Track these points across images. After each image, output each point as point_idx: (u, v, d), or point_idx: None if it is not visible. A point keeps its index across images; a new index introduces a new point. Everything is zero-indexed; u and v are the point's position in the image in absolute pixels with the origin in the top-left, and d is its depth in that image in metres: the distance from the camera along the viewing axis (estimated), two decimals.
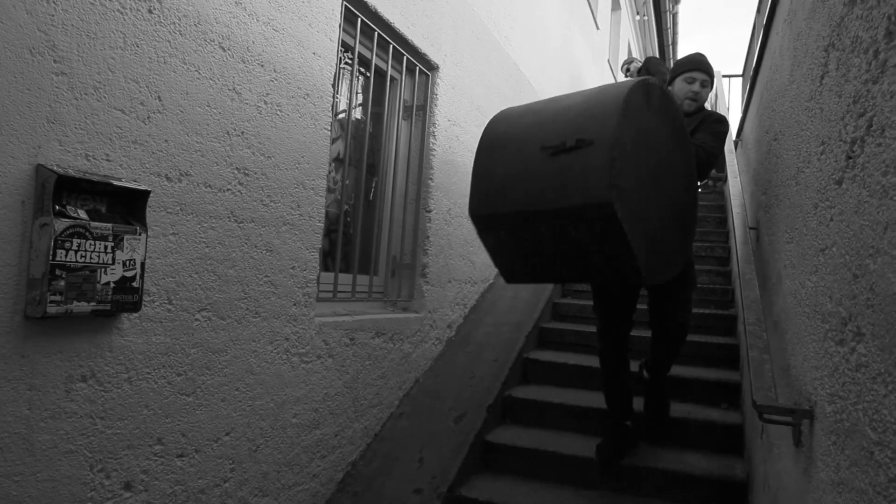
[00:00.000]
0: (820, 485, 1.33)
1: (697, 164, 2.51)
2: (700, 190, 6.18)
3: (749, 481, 2.67)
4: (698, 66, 2.82)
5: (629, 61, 8.02)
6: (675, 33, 14.47)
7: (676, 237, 2.18)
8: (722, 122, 2.80)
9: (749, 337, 2.05)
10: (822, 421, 1.37)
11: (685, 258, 2.27)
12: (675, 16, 14.02)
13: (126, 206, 1.77)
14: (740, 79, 7.01)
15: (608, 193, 1.76)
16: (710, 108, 2.96)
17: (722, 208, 5.90)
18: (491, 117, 4.39)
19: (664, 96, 2.09)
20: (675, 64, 2.94)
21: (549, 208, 1.91)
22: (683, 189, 2.24)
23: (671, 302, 2.74)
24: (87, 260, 1.62)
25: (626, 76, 8.07)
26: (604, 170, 1.77)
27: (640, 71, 7.52)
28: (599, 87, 2.05)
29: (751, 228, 3.14)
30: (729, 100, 7.53)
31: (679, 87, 2.84)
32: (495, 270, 4.40)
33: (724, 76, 6.94)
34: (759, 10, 4.79)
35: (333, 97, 2.70)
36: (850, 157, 1.27)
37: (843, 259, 1.27)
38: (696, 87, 2.81)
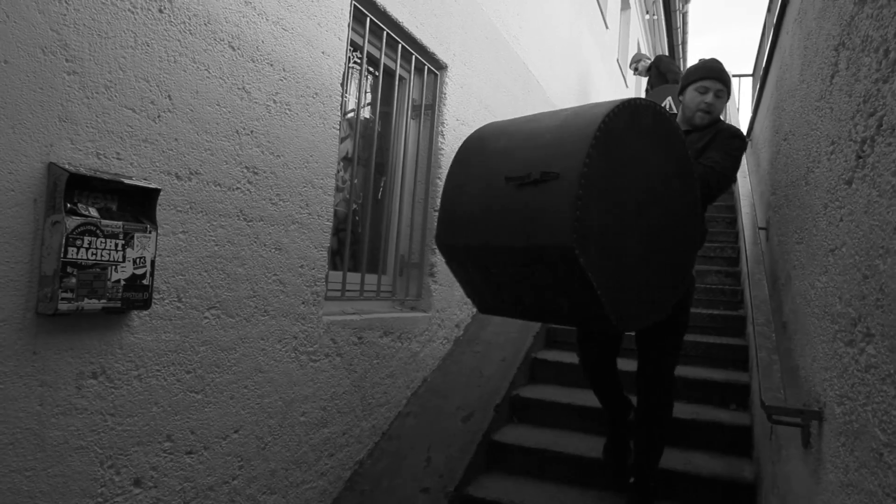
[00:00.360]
0: (829, 486, 1.32)
1: (706, 188, 2.22)
2: None
3: (758, 483, 2.66)
4: (712, 73, 2.50)
5: (637, 59, 7.77)
6: (684, 32, 14.41)
7: (666, 277, 1.92)
8: (737, 138, 2.45)
9: (758, 337, 2.04)
10: (831, 422, 1.36)
11: (677, 297, 1.97)
12: (685, 15, 13.96)
13: (136, 205, 1.78)
14: (750, 78, 6.97)
15: (569, 238, 1.56)
16: (726, 121, 2.61)
17: (732, 208, 5.87)
18: (498, 117, 4.39)
19: (658, 117, 1.82)
20: (686, 71, 2.63)
21: (511, 246, 1.74)
22: (681, 220, 1.94)
23: (655, 348, 2.48)
24: (98, 257, 1.63)
25: (635, 74, 7.90)
26: (567, 210, 1.57)
27: (649, 69, 7.34)
28: (577, 109, 1.83)
29: (760, 229, 3.13)
30: (739, 99, 7.50)
31: (690, 97, 2.53)
32: None
33: (734, 75, 6.92)
34: (769, 10, 4.77)
35: (342, 96, 2.71)
36: (860, 157, 1.27)
37: (853, 259, 1.26)
38: (709, 97, 2.48)
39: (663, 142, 1.84)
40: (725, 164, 2.33)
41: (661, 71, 7.16)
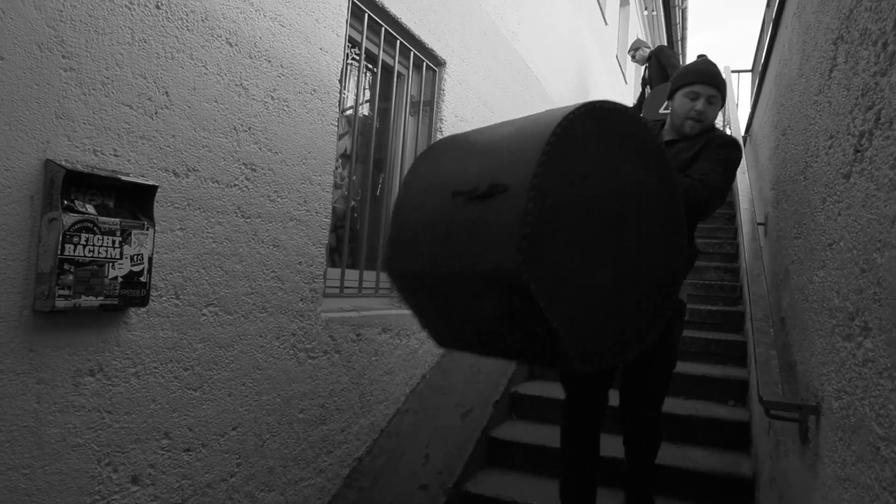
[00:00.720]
0: (826, 481, 1.32)
1: (694, 203, 1.94)
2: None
3: (756, 478, 2.66)
4: (704, 77, 2.19)
5: (636, 46, 7.39)
6: (683, 28, 14.39)
7: (643, 306, 1.64)
8: (731, 146, 2.15)
9: (756, 333, 2.04)
10: (829, 417, 1.36)
11: (656, 331, 1.67)
12: (684, 11, 13.93)
13: (134, 202, 1.78)
14: (750, 74, 6.95)
15: (516, 259, 1.32)
16: (720, 128, 2.34)
17: (731, 204, 5.87)
18: (497, 113, 4.39)
19: (630, 121, 1.59)
20: (677, 73, 2.35)
21: (459, 272, 1.50)
22: (662, 240, 1.67)
23: (634, 387, 2.22)
24: (95, 254, 1.63)
25: (632, 61, 7.54)
26: (513, 227, 1.33)
27: (648, 59, 7.04)
28: (538, 115, 1.61)
29: (759, 224, 3.13)
30: (738, 95, 7.47)
31: (679, 103, 2.23)
32: None
33: (733, 71, 6.87)
34: (768, 5, 4.76)
35: (340, 93, 2.70)
36: (857, 151, 1.27)
37: (851, 254, 1.26)
38: (699, 104, 2.17)
39: (638, 150, 1.60)
40: (717, 176, 2.04)
41: (662, 63, 6.82)
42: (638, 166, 1.59)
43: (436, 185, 1.63)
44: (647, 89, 7.05)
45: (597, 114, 1.49)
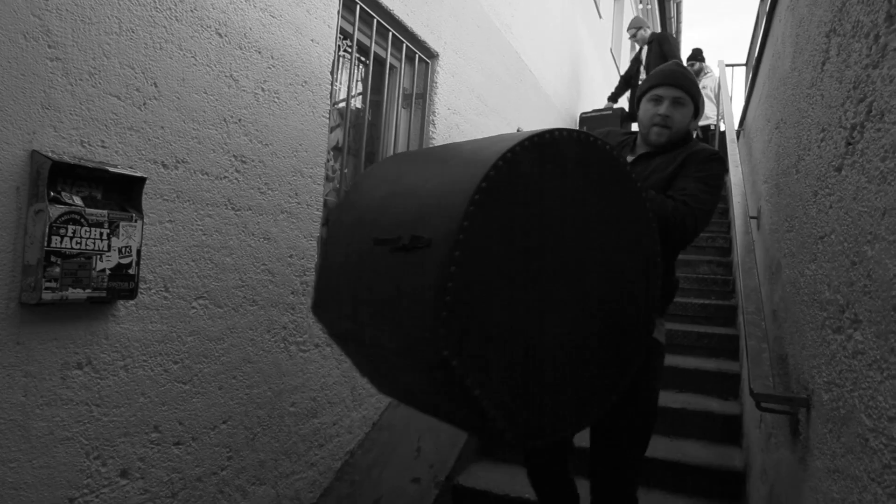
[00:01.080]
0: (816, 473, 1.32)
1: (677, 228, 1.72)
2: None
3: (747, 471, 2.67)
4: (666, 79, 1.97)
5: (637, 25, 6.89)
6: (678, 22, 14.39)
7: (608, 357, 1.40)
8: (715, 161, 1.88)
9: (748, 326, 2.04)
10: (819, 409, 1.36)
11: (622, 386, 1.43)
12: (678, 4, 13.94)
13: (122, 193, 1.76)
14: (744, 68, 6.95)
15: (434, 332, 1.10)
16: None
17: (724, 198, 5.89)
18: (490, 106, 4.37)
19: (588, 148, 1.34)
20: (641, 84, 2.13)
21: (378, 340, 1.30)
22: (633, 278, 1.44)
23: (602, 462, 1.87)
24: (83, 247, 1.61)
25: (631, 40, 7.16)
26: (434, 293, 1.11)
27: (650, 42, 6.70)
28: (483, 142, 1.36)
29: (752, 218, 3.13)
30: (732, 89, 7.47)
31: (643, 110, 2.00)
32: None
33: (727, 65, 6.87)
34: None
35: (332, 85, 2.68)
36: (849, 144, 1.26)
37: (842, 246, 1.26)
38: (663, 107, 1.94)
39: (599, 180, 1.37)
40: (702, 196, 1.79)
41: (664, 51, 6.43)
42: (599, 198, 1.37)
43: (365, 222, 1.40)
44: (643, 72, 6.83)
45: (544, 146, 1.26)
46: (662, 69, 2.03)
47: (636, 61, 7.03)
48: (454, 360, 1.11)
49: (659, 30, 14.00)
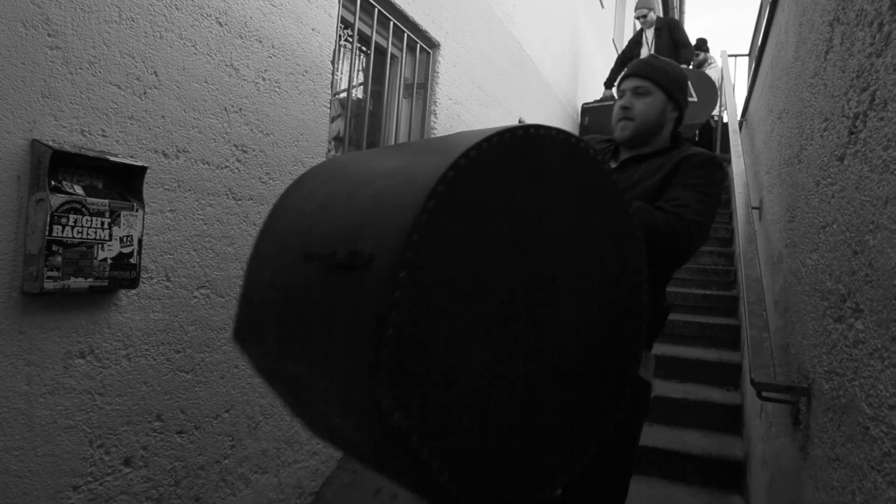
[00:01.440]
0: (816, 461, 1.33)
1: (671, 245, 1.49)
2: None
3: (747, 460, 2.68)
4: (628, 71, 1.81)
5: (647, 5, 6.52)
6: (682, 12, 14.30)
7: (584, 402, 1.15)
8: (711, 166, 1.63)
9: (749, 316, 2.04)
10: (820, 398, 1.36)
11: (604, 434, 1.18)
12: None
13: (123, 183, 1.76)
14: (746, 58, 6.91)
15: (371, 383, 0.84)
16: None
17: (726, 189, 5.87)
18: (491, 96, 4.35)
19: (569, 153, 1.10)
20: None
21: (305, 379, 1.04)
22: (615, 304, 1.20)
23: None
24: (84, 236, 1.61)
25: (639, 22, 6.86)
26: (373, 326, 0.85)
27: (660, 28, 6.44)
28: (441, 140, 1.12)
29: (754, 208, 3.12)
30: (735, 79, 7.42)
31: (614, 109, 1.82)
32: None
33: (730, 55, 6.82)
34: None
35: (333, 74, 2.67)
36: (852, 133, 1.26)
37: (844, 236, 1.25)
38: (624, 100, 1.76)
39: (582, 188, 1.13)
40: (698, 206, 1.53)
41: (674, 39, 6.10)
42: (578, 210, 1.13)
43: (298, 232, 1.12)
44: (643, 55, 6.71)
45: (517, 144, 1.01)
46: (632, 62, 1.85)
47: (636, 43, 6.74)
48: (396, 412, 0.87)
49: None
